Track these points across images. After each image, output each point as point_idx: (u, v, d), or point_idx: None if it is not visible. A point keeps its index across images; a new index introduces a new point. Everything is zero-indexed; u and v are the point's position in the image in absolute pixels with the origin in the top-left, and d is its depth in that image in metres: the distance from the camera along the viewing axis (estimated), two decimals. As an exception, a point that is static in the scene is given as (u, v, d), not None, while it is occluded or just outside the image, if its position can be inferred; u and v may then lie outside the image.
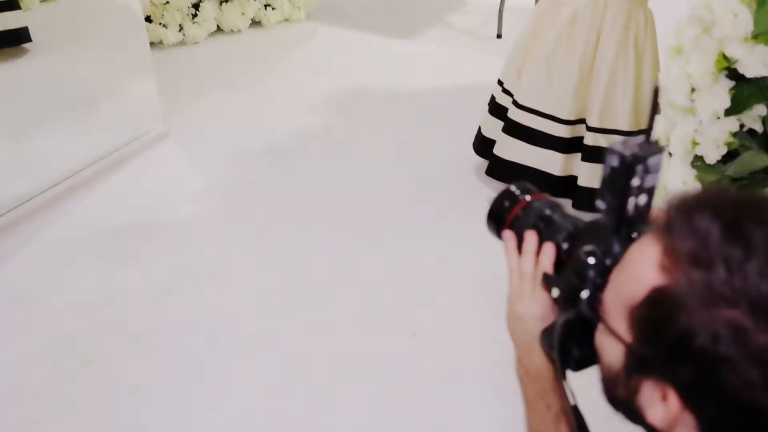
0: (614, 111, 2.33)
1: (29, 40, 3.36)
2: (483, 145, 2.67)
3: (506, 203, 0.93)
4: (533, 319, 0.86)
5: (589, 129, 2.36)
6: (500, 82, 2.61)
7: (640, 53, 2.31)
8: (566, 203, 2.47)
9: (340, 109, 3.30)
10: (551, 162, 2.43)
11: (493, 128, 2.60)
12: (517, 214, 0.92)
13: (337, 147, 2.99)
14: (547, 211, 0.89)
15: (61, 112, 2.98)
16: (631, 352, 0.63)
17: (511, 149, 2.49)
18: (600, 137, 2.34)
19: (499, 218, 0.94)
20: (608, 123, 2.34)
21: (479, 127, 2.71)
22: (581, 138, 2.41)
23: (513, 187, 0.94)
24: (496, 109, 2.61)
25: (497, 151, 2.54)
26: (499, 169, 2.54)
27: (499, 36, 4.07)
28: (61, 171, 2.67)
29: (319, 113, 3.26)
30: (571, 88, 2.34)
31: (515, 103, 2.47)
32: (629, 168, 0.68)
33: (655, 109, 0.69)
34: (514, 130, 2.47)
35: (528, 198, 0.92)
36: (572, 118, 2.38)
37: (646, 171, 0.69)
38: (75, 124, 2.95)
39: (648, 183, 0.70)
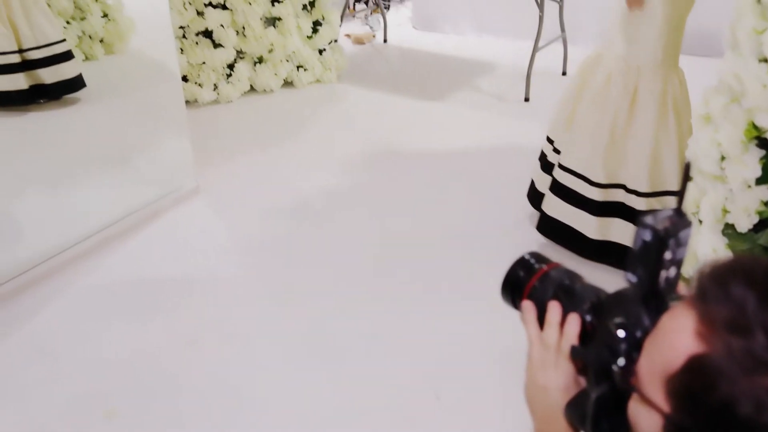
0: (663, 174, 2.36)
1: (84, 85, 3.52)
2: (535, 198, 2.74)
3: (521, 273, 0.92)
4: (557, 390, 0.84)
5: (641, 195, 2.37)
6: (550, 140, 2.66)
7: (680, 115, 2.35)
8: (601, 269, 2.46)
9: (368, 168, 3.35)
10: (585, 224, 2.46)
11: (543, 184, 2.67)
12: (535, 285, 0.90)
13: (365, 205, 3.02)
14: (567, 281, 0.88)
15: (98, 165, 3.07)
16: (670, 422, 0.62)
17: (555, 207, 2.54)
18: (654, 201, 2.36)
19: (515, 289, 0.92)
20: (659, 186, 2.36)
21: (532, 180, 2.78)
22: (618, 204, 2.42)
23: (527, 256, 0.93)
24: (545, 166, 2.68)
25: (544, 207, 2.60)
26: (545, 225, 2.60)
27: (526, 99, 4.12)
28: (94, 223, 2.72)
29: (347, 172, 3.31)
30: (601, 151, 2.38)
31: (559, 162, 2.52)
32: (662, 242, 0.68)
33: (686, 182, 0.70)
34: (557, 188, 2.53)
35: (544, 267, 0.91)
36: (602, 181, 2.41)
37: (678, 244, 0.69)
38: (110, 177, 3.03)
39: (678, 256, 0.70)
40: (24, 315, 2.32)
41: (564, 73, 4.50)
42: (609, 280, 0.89)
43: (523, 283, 0.91)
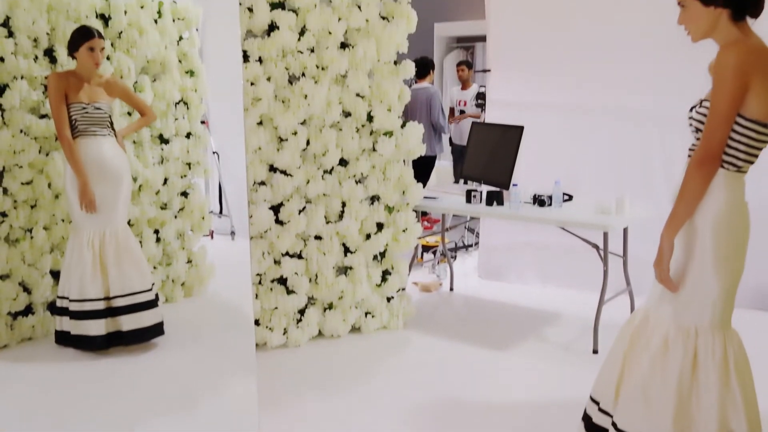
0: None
1: (162, 333, 3.69)
2: None
3: None
4: None
5: None
6: (595, 401, 2.57)
7: (742, 376, 2.28)
8: None
9: (431, 420, 3.26)
10: None
11: None
12: None
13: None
14: None
15: (163, 409, 3.10)
16: None
17: None
18: None
19: None
20: None
21: None
22: None
23: None
24: (591, 427, 2.54)
25: None
26: None
27: (595, 351, 4.06)
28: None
29: (410, 422, 3.23)
30: (670, 416, 2.29)
31: (614, 425, 2.41)
32: None
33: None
34: None
35: None
36: None
37: None
38: (174, 422, 3.04)
39: None
40: None
41: (632, 325, 4.46)
42: None
43: None
